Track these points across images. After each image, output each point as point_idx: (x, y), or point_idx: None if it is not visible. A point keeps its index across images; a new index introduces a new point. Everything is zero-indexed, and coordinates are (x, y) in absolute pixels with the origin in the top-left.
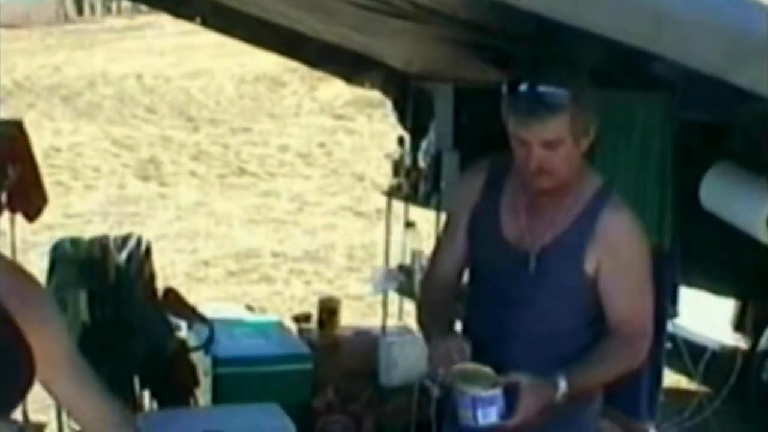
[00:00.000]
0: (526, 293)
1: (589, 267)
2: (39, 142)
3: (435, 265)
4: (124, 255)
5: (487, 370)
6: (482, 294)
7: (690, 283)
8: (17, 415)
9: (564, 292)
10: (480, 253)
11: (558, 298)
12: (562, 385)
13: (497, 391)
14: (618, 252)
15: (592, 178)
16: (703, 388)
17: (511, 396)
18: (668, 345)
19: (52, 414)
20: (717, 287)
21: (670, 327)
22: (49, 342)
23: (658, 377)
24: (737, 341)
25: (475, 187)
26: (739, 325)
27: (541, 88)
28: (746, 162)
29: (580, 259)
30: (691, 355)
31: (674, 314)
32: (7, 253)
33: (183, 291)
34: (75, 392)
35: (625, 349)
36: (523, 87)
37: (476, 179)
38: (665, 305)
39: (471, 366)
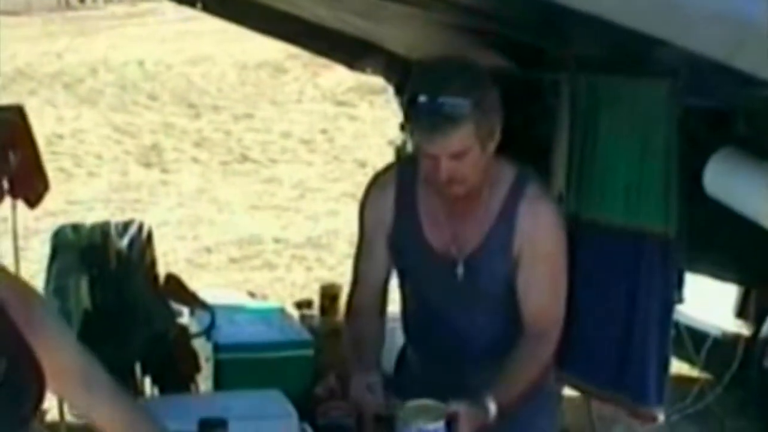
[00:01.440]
0: (457, 300)
1: (515, 256)
2: (41, 129)
3: (357, 285)
4: (125, 241)
5: (433, 403)
6: (415, 304)
7: (693, 269)
8: None
9: (496, 295)
10: (407, 264)
11: (490, 300)
12: (492, 407)
13: (440, 424)
14: (535, 244)
15: (506, 171)
16: (705, 375)
17: (452, 425)
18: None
19: (54, 400)
20: (720, 273)
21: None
22: (58, 356)
23: (665, 363)
24: (739, 328)
25: (387, 203)
26: (741, 312)
27: (442, 100)
28: (751, 147)
29: (506, 258)
30: (693, 341)
31: (680, 300)
32: (9, 239)
33: (185, 277)
34: (88, 402)
35: (540, 346)
36: (422, 98)
37: (386, 195)
38: (672, 292)
39: (418, 401)
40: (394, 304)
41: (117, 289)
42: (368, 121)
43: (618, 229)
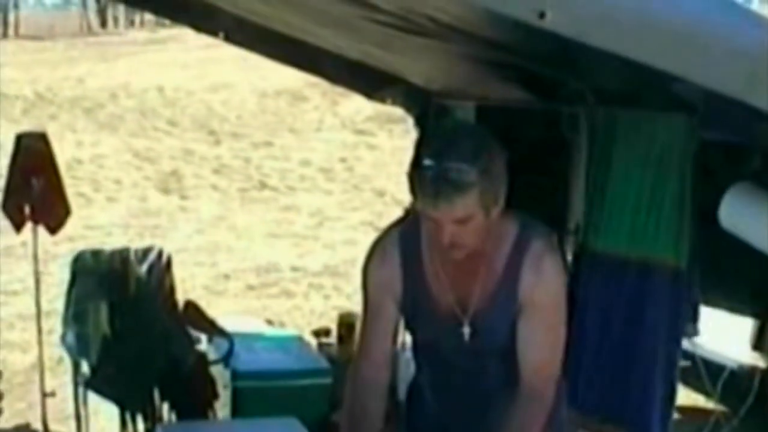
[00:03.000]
0: (467, 355)
1: (518, 307)
2: (61, 154)
3: (364, 355)
4: (144, 267)
5: None
6: (425, 353)
7: (708, 302)
8: (37, 424)
9: (505, 347)
10: (417, 323)
11: (499, 352)
12: None
13: None
14: (535, 298)
15: (508, 227)
16: (721, 407)
17: None
18: (686, 363)
19: (72, 424)
20: (735, 306)
21: (688, 346)
22: None
23: (671, 395)
24: (755, 360)
25: (393, 267)
26: (757, 344)
27: (447, 165)
28: (766, 182)
29: (511, 318)
30: (709, 373)
31: (695, 333)
32: (29, 263)
33: (203, 304)
34: None
35: (536, 404)
36: (428, 162)
37: (391, 259)
38: (681, 324)
39: None
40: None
41: (136, 315)
42: (387, 150)
43: (630, 260)
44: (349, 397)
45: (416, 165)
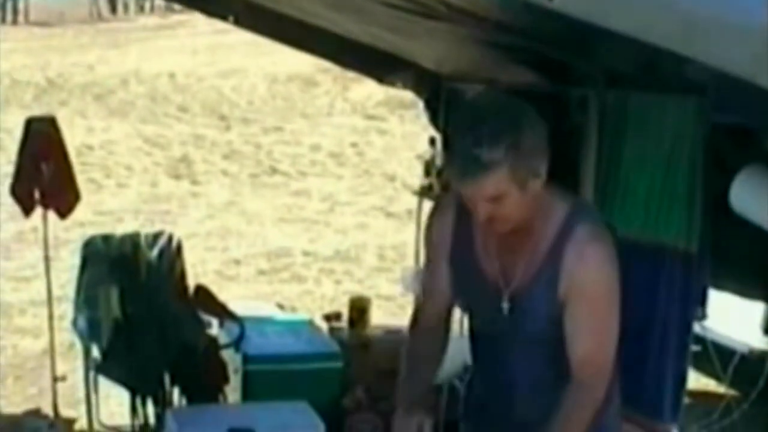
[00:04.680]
0: (502, 333)
1: (562, 297)
2: (71, 140)
3: (424, 302)
4: (155, 252)
5: None
6: (470, 328)
7: (719, 287)
8: (48, 409)
9: (538, 335)
10: (462, 287)
11: (532, 340)
12: None
13: None
14: (581, 287)
15: (558, 209)
16: (732, 392)
17: None
18: (697, 348)
19: (82, 409)
20: (746, 290)
21: (699, 329)
22: None
23: (682, 379)
24: (766, 344)
25: (447, 227)
26: None
27: (473, 143)
28: None
29: (551, 299)
30: (720, 358)
31: (704, 317)
32: (39, 249)
33: (214, 289)
34: None
35: (587, 394)
36: (456, 139)
37: (446, 218)
38: (692, 308)
39: None
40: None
41: (147, 300)
42: (398, 135)
43: (641, 244)
44: (410, 342)
45: (446, 145)
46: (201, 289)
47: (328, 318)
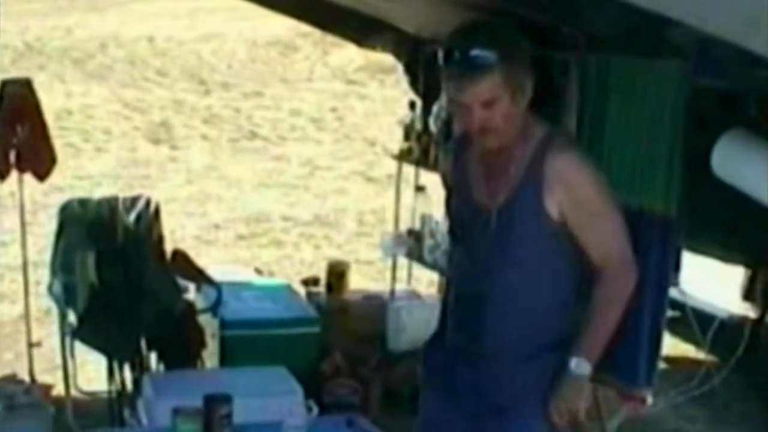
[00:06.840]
0: (490, 246)
1: (552, 212)
2: (50, 104)
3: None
4: (132, 216)
5: None
6: (458, 252)
7: (700, 251)
8: (24, 375)
9: (530, 243)
10: (459, 218)
11: (518, 252)
12: (585, 366)
13: None
14: (573, 191)
15: (537, 130)
16: (711, 358)
17: None
18: (677, 313)
19: (59, 375)
20: (727, 255)
21: (678, 295)
22: None
23: (657, 344)
24: (746, 310)
25: (448, 166)
26: (748, 294)
27: (472, 53)
28: (759, 129)
29: (538, 208)
30: (700, 323)
31: (676, 283)
32: (17, 213)
33: (193, 254)
34: None
35: (616, 285)
36: (453, 52)
37: (448, 160)
38: (668, 273)
39: None
40: (401, 283)
41: (124, 265)
42: (378, 100)
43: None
44: None
45: (445, 57)
46: (178, 254)
47: (305, 283)
